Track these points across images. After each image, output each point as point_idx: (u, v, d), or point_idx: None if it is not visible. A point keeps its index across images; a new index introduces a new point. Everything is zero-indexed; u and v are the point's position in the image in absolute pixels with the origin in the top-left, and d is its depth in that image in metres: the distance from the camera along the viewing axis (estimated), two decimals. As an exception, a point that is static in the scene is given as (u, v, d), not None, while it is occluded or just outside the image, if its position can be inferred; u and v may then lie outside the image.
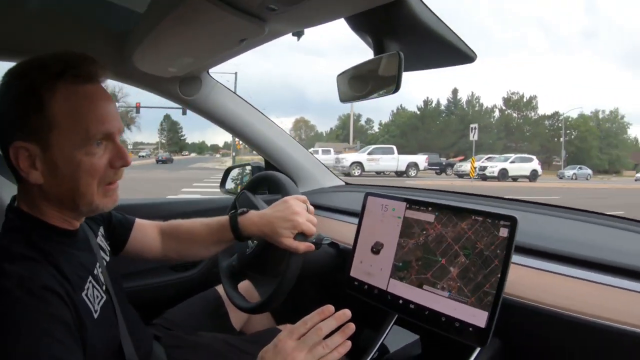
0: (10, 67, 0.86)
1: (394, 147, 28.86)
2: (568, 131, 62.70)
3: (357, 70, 1.17)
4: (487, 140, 57.33)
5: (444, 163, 32.38)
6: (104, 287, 0.97)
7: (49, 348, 0.73)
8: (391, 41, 1.06)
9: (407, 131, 61.96)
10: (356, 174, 25.27)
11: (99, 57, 1.45)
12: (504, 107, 63.77)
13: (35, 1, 1.33)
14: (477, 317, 1.02)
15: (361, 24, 1.09)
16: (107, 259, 1.08)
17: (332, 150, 35.15)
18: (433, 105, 65.51)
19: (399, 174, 26.92)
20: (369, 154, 27.23)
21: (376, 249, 1.28)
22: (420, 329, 1.17)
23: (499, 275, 1.01)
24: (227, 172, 2.21)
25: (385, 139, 61.46)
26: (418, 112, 63.79)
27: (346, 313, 0.87)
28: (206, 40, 1.22)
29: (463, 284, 1.06)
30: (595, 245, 1.15)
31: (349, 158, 27.15)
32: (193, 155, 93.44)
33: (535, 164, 29.24)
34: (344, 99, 1.22)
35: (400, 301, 1.18)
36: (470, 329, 1.02)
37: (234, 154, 38.09)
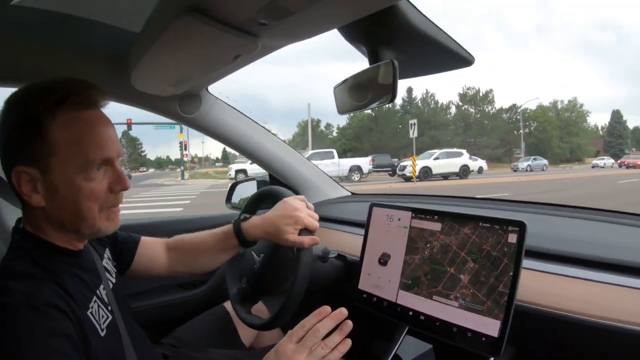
0: (10, 94, 0.88)
1: (334, 151, 26.94)
2: (527, 123, 63.59)
3: (353, 80, 1.16)
4: (444, 138, 57.01)
5: (395, 164, 29.38)
6: (109, 308, 0.97)
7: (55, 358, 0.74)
8: (386, 49, 1.05)
9: (361, 133, 61.42)
10: None
11: (97, 79, 1.46)
12: (460, 103, 63.55)
13: (30, 27, 1.33)
14: (490, 327, 1.00)
15: (354, 33, 1.08)
16: (114, 281, 1.08)
17: None
18: (387, 105, 63.12)
19: (340, 179, 22.57)
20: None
21: (383, 260, 1.26)
22: (433, 339, 1.14)
23: (512, 274, 0.99)
24: (233, 187, 2.20)
25: (343, 142, 61.19)
26: (372, 114, 62.48)
27: (342, 311, 0.88)
28: (201, 57, 1.22)
29: (476, 289, 1.04)
30: (611, 245, 1.11)
31: None
32: (151, 170, 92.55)
33: (465, 159, 26.99)
34: (342, 110, 1.21)
35: (411, 313, 1.16)
36: (483, 338, 1.00)
37: (182, 168, 37.83)
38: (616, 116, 74.91)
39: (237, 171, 25.64)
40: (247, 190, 2.17)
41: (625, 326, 0.85)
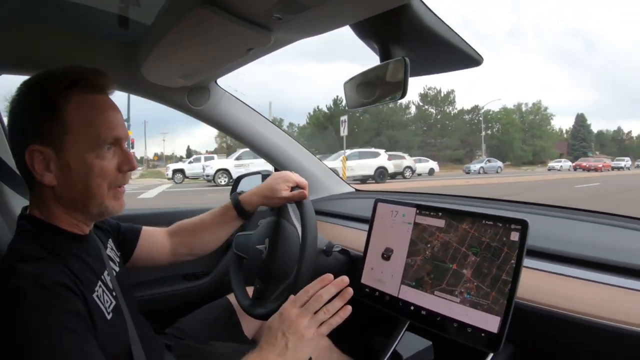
0: (25, 79, 0.92)
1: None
2: (490, 125, 63.02)
3: (364, 76, 1.17)
4: (403, 138, 55.52)
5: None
6: (113, 294, 0.99)
7: (71, 341, 0.76)
8: (397, 47, 1.06)
9: (316, 132, 56.75)
10: (222, 182, 20.91)
11: (109, 69, 1.48)
12: (420, 103, 61.37)
13: (46, 17, 1.35)
14: (490, 323, 1.01)
15: (366, 30, 1.09)
16: (117, 269, 1.10)
17: (202, 157, 28.75)
18: (343, 104, 59.61)
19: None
20: (236, 159, 22.06)
21: (387, 255, 1.27)
22: (433, 335, 1.16)
23: (513, 262, 1.01)
24: (238, 180, 2.21)
25: (301, 142, 58.17)
26: (328, 112, 58.67)
27: (344, 279, 0.94)
28: (213, 50, 1.23)
29: (480, 281, 1.05)
30: (610, 247, 1.13)
31: (214, 165, 22.26)
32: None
33: (382, 160, 22.85)
34: (351, 105, 1.23)
35: (412, 307, 1.18)
36: (483, 334, 1.02)
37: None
38: (580, 120, 74.74)
39: (175, 171, 24.81)
40: (251, 183, 2.18)
41: (622, 326, 0.87)
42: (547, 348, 1.03)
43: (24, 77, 0.93)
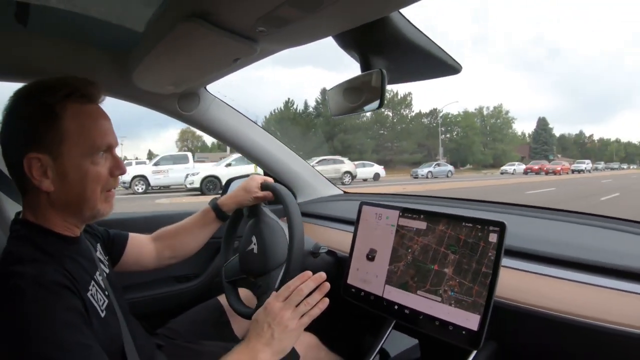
0: (19, 88, 0.95)
1: (189, 154, 21.29)
2: (449, 128, 64.16)
3: (346, 85, 1.21)
4: (356, 141, 55.27)
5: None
6: (106, 292, 1.03)
7: (73, 336, 0.80)
8: (377, 57, 1.10)
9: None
10: (139, 190, 18.70)
11: (101, 76, 1.51)
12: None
13: (36, 24, 1.36)
14: (470, 321, 1.05)
15: (348, 41, 1.13)
16: (107, 271, 1.14)
17: (133, 162, 24.66)
18: (295, 107, 60.19)
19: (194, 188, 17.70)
20: (154, 164, 19.80)
21: (371, 255, 1.31)
22: (419, 334, 1.20)
23: (490, 255, 1.05)
24: (229, 183, 2.24)
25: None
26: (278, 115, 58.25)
27: (322, 275, 1.03)
28: (202, 60, 1.27)
29: (461, 277, 1.10)
30: (585, 247, 1.17)
31: (132, 171, 19.11)
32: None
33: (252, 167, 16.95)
34: (334, 113, 1.27)
35: (396, 307, 1.22)
36: (464, 332, 1.06)
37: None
38: (542, 123, 75.93)
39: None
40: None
41: (599, 324, 0.91)
42: (528, 345, 1.08)
43: (13, 84, 0.97)
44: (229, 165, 18.09)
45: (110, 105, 1.06)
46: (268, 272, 1.38)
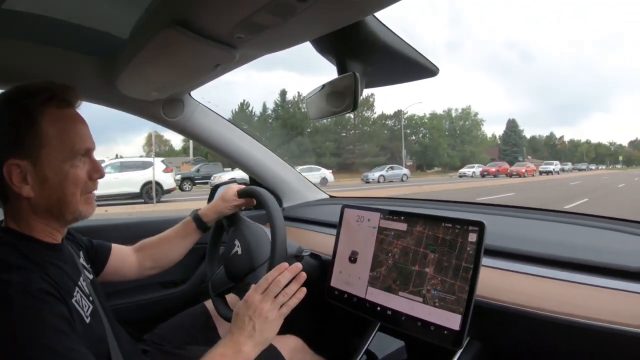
0: None
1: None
2: (415, 130, 62.15)
3: (321, 89, 1.23)
4: (316, 145, 52.90)
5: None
6: (90, 298, 1.04)
7: (63, 342, 0.81)
8: (353, 61, 1.12)
9: None
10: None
11: (85, 82, 1.51)
12: None
13: (20, 30, 1.36)
14: (451, 320, 1.07)
15: (324, 46, 1.15)
16: (91, 277, 1.14)
17: None
18: (251, 109, 58.14)
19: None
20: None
21: (353, 258, 1.33)
22: (404, 335, 1.21)
23: (471, 252, 1.08)
24: (215, 189, 2.24)
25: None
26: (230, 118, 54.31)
27: (298, 265, 1.07)
28: (184, 66, 1.28)
29: (443, 275, 1.11)
30: (566, 245, 1.19)
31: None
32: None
33: (145, 175, 16.13)
34: (312, 116, 1.29)
35: (378, 308, 1.23)
36: (445, 331, 1.07)
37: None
38: (511, 125, 75.40)
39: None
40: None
41: (580, 321, 0.93)
42: (512, 344, 1.10)
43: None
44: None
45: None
46: (254, 270, 1.38)
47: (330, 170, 30.21)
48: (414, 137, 61.73)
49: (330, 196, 2.34)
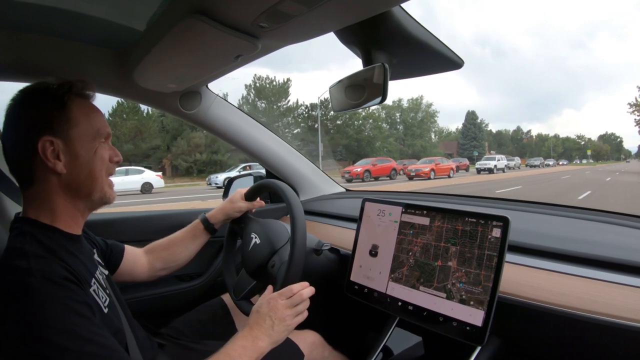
0: (26, 86, 1.02)
1: None
2: (347, 121, 51.04)
3: (348, 81, 1.21)
4: (204, 141, 41.04)
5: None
6: (107, 291, 1.06)
7: (87, 327, 0.84)
8: (379, 52, 1.10)
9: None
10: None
11: (101, 75, 1.51)
12: (250, 96, 47.76)
13: (38, 23, 1.36)
14: (474, 316, 1.06)
15: (349, 36, 1.13)
16: (106, 272, 1.16)
17: None
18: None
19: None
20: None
21: (374, 252, 1.31)
22: (422, 331, 1.20)
23: (492, 240, 1.07)
24: (230, 182, 2.24)
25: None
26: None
27: (312, 289, 1.17)
28: (203, 57, 1.27)
29: (467, 267, 1.11)
30: (586, 241, 1.18)
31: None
32: None
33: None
34: (337, 108, 1.26)
35: (399, 303, 1.22)
36: (468, 327, 1.06)
37: None
38: (470, 117, 70.94)
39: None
40: (243, 185, 2.20)
41: (604, 318, 0.91)
42: (532, 341, 1.07)
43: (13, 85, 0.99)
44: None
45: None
46: (276, 251, 1.40)
47: (158, 173, 25.33)
48: (349, 130, 50.91)
49: (347, 190, 2.33)
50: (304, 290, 1.15)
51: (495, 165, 35.97)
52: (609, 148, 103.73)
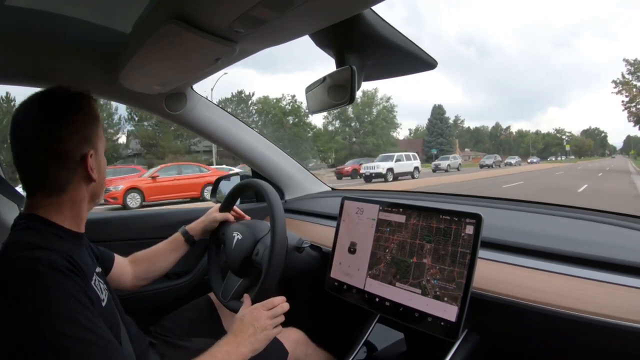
0: (38, 94, 1.03)
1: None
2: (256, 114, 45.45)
3: (319, 83, 1.24)
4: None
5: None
6: (105, 286, 1.10)
7: (87, 316, 0.87)
8: (352, 54, 1.13)
9: None
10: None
11: (88, 76, 1.53)
12: None
13: (23, 26, 1.37)
14: (448, 312, 1.09)
15: (323, 39, 1.16)
16: (99, 270, 1.17)
17: None
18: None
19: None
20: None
21: (353, 248, 1.34)
22: (403, 327, 1.22)
23: (465, 237, 1.10)
24: (218, 181, 2.27)
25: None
26: None
27: (287, 304, 1.24)
28: (185, 60, 1.30)
29: (441, 263, 1.13)
30: (559, 237, 1.20)
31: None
32: None
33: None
34: (311, 110, 1.30)
35: (377, 299, 1.25)
36: (442, 323, 1.09)
37: None
38: (437, 112, 65.16)
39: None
40: (231, 184, 2.23)
41: (579, 314, 0.93)
42: (513, 337, 1.11)
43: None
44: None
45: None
46: (259, 240, 1.44)
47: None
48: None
49: (332, 189, 2.36)
50: (284, 304, 1.23)
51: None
52: (592, 143, 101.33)
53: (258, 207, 2.13)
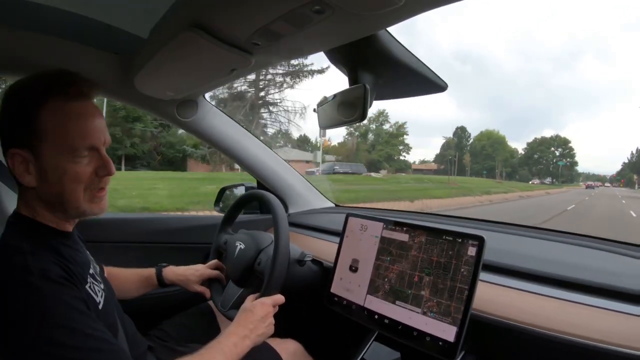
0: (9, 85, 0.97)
1: None
2: None
3: (331, 99, 1.26)
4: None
5: None
6: (101, 285, 1.07)
7: (86, 322, 0.85)
8: (365, 73, 1.15)
9: None
10: None
11: (103, 78, 1.55)
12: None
13: (42, 24, 1.38)
14: (447, 332, 1.09)
15: (337, 56, 1.18)
16: (98, 268, 1.17)
17: None
18: None
19: None
20: None
21: (355, 266, 1.35)
22: (401, 346, 1.22)
23: (465, 273, 1.10)
24: (222, 191, 2.27)
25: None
26: None
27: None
28: (200, 69, 1.32)
29: (439, 297, 1.13)
30: (560, 263, 1.21)
31: None
32: None
33: None
34: (322, 125, 1.32)
35: (376, 316, 1.25)
36: (440, 342, 1.09)
37: None
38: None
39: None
40: (235, 194, 2.24)
41: (577, 340, 0.94)
42: (505, 358, 1.11)
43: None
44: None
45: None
46: (262, 249, 1.46)
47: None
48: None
49: (336, 205, 2.37)
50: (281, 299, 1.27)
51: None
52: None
53: (260, 218, 2.14)
